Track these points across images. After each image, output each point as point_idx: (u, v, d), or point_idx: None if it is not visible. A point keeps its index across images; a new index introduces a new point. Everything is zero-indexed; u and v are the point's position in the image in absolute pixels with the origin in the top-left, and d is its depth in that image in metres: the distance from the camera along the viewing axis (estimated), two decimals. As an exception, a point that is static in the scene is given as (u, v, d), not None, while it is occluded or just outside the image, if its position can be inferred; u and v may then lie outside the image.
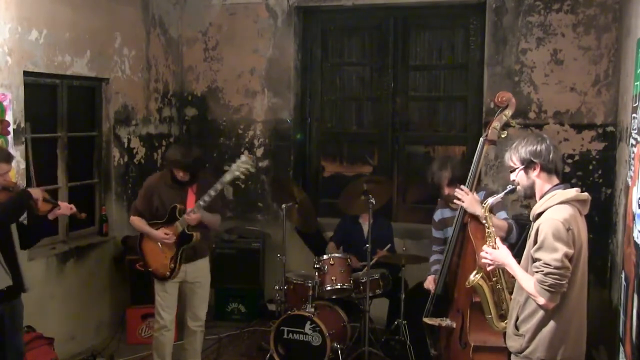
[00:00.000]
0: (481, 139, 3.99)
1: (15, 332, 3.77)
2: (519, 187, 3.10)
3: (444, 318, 4.04)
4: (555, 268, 2.78)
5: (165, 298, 4.48)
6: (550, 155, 2.98)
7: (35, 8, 4.62)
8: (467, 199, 3.88)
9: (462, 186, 3.95)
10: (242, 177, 4.35)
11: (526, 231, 3.16)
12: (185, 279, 4.51)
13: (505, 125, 3.96)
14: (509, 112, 3.92)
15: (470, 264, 3.75)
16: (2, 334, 3.65)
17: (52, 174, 5.11)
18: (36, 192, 3.70)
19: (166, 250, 4.40)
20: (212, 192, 4.27)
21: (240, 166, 4.27)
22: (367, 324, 4.91)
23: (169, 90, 6.39)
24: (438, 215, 4.48)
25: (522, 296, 2.99)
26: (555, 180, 3.02)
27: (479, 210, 3.72)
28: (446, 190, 4.24)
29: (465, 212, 3.95)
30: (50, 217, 3.84)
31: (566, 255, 2.79)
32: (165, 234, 4.35)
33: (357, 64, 6.38)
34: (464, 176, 4.08)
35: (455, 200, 3.96)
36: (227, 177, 4.28)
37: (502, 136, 3.96)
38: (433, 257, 4.54)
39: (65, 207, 3.87)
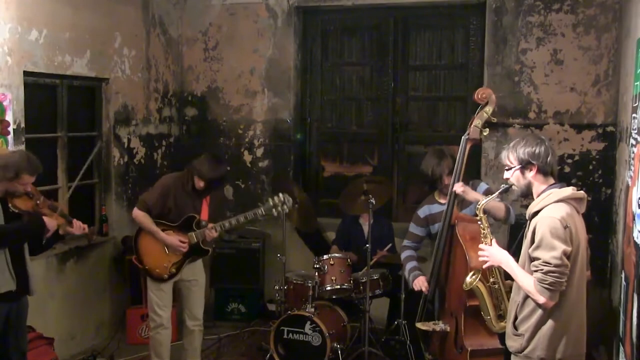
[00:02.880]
0: (463, 138, 3.98)
1: (20, 332, 3.77)
2: (514, 187, 3.12)
3: (437, 322, 4.03)
4: (555, 266, 2.79)
5: (160, 297, 4.47)
6: (548, 158, 3.00)
7: (35, 8, 4.62)
8: (460, 188, 3.92)
9: (459, 182, 3.96)
10: (276, 214, 4.46)
11: (522, 230, 3.17)
12: (181, 277, 4.51)
13: (487, 123, 3.95)
14: (489, 109, 3.91)
15: (461, 266, 3.75)
16: (6, 333, 3.66)
17: (52, 174, 5.11)
18: (52, 224, 3.67)
19: (171, 255, 4.40)
20: (241, 219, 4.38)
21: (278, 205, 4.37)
22: (367, 324, 4.90)
23: (169, 90, 6.39)
24: (425, 211, 4.44)
25: (520, 296, 3.00)
26: (551, 181, 3.03)
27: (478, 196, 3.75)
28: (446, 180, 4.25)
29: (452, 214, 3.96)
30: (61, 232, 3.81)
31: (565, 253, 2.80)
32: (181, 241, 4.36)
33: (357, 64, 6.38)
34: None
35: (455, 190, 3.94)
36: (261, 211, 4.36)
37: (484, 134, 3.96)
38: (406, 253, 4.50)
39: (78, 227, 3.83)
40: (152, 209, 4.41)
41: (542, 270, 2.81)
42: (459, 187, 3.93)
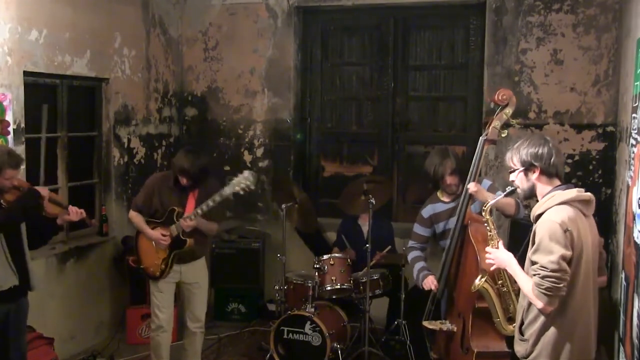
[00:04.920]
0: (481, 139, 3.97)
1: (19, 333, 3.77)
2: (518, 189, 3.06)
3: (444, 321, 4.02)
4: (552, 271, 2.72)
5: (160, 298, 4.47)
6: (552, 159, 2.91)
7: (35, 8, 4.62)
8: (473, 188, 3.91)
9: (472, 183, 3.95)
10: (242, 192, 4.24)
11: (529, 233, 3.15)
12: (182, 279, 4.50)
13: (506, 125, 3.93)
14: (509, 111, 3.88)
15: (471, 266, 3.74)
16: (6, 333, 3.65)
17: (52, 174, 5.11)
18: (43, 190, 3.69)
19: (159, 251, 4.41)
20: (210, 203, 4.23)
21: (242, 182, 4.19)
22: (367, 324, 4.90)
23: (169, 90, 6.39)
24: (429, 210, 4.44)
25: (526, 300, 2.95)
26: (557, 182, 2.95)
27: (487, 196, 3.74)
28: (448, 180, 4.26)
29: (465, 213, 3.95)
30: (59, 222, 3.81)
31: (563, 258, 2.73)
32: (163, 235, 4.35)
33: (357, 64, 6.38)
34: (464, 165, 4.10)
35: (469, 189, 3.93)
36: (227, 190, 4.22)
37: (503, 135, 3.93)
38: (413, 254, 4.50)
39: (75, 213, 3.80)
40: (141, 209, 4.49)
41: (539, 274, 2.75)
42: (472, 187, 3.91)
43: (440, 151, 4.34)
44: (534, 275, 2.79)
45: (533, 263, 2.84)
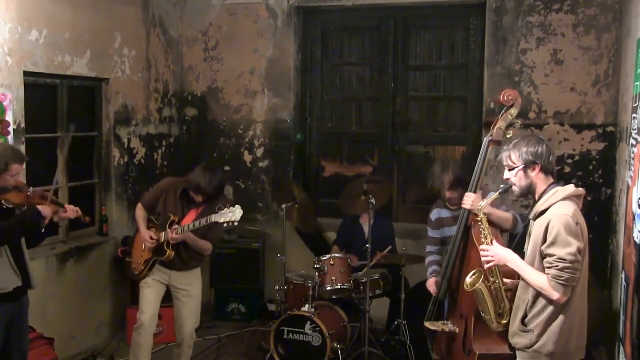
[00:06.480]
0: (485, 139, 3.91)
1: (21, 333, 3.77)
2: (514, 187, 3.16)
3: (446, 322, 4.01)
4: (570, 262, 2.86)
5: (142, 297, 4.43)
6: (550, 157, 3.08)
7: (35, 8, 4.62)
8: (469, 201, 3.84)
9: (467, 193, 3.91)
10: (225, 225, 4.13)
11: (523, 229, 3.18)
12: (171, 282, 4.45)
13: (510, 125, 3.91)
14: (514, 111, 3.84)
15: (474, 268, 3.73)
16: (9, 334, 3.65)
17: (52, 174, 5.10)
18: (46, 210, 3.65)
19: (145, 250, 4.39)
20: (197, 223, 4.17)
21: (229, 215, 4.06)
22: (367, 324, 4.91)
23: (169, 90, 6.39)
24: (435, 214, 4.47)
25: (529, 293, 3.04)
26: (551, 180, 3.10)
27: (489, 209, 3.73)
28: (447, 194, 4.25)
29: (468, 216, 3.93)
30: (56, 219, 3.80)
31: (579, 249, 2.88)
32: (151, 237, 4.32)
33: (357, 64, 6.38)
34: (465, 178, 4.07)
35: (463, 205, 3.91)
36: (215, 217, 4.11)
37: (507, 136, 3.89)
38: (430, 258, 4.51)
39: (71, 210, 3.82)
40: (146, 206, 4.48)
41: (557, 266, 2.87)
42: (468, 203, 3.83)
43: (440, 165, 4.30)
44: (551, 267, 2.90)
45: (546, 256, 2.93)
